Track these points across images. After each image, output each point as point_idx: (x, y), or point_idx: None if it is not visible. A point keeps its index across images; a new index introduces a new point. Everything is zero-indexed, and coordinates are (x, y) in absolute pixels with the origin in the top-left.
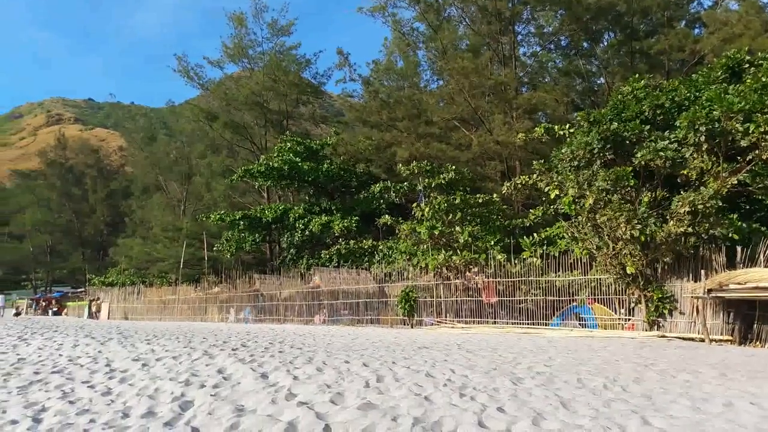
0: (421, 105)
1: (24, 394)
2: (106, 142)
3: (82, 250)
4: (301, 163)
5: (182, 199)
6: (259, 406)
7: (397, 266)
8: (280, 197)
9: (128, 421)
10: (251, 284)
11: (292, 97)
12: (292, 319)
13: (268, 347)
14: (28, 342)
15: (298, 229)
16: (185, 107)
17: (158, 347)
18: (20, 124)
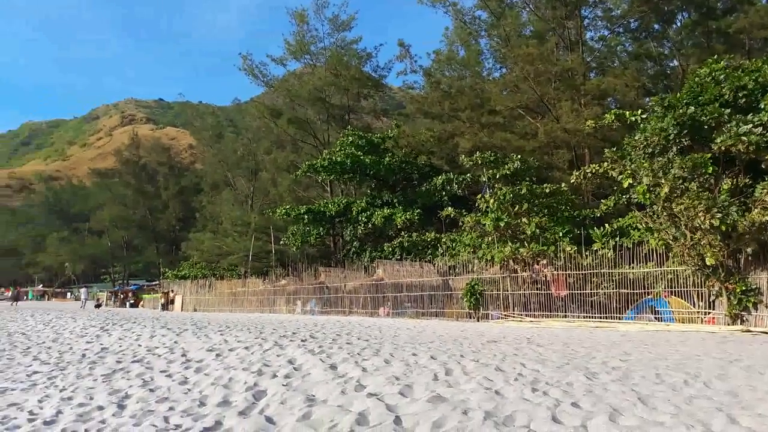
0: (484, 94)
1: (108, 382)
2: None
3: (156, 245)
4: (363, 156)
5: (249, 194)
6: (329, 397)
7: (461, 259)
8: (343, 191)
9: (205, 409)
10: (316, 277)
11: (354, 92)
12: (356, 311)
13: (336, 339)
14: (110, 333)
15: (361, 222)
16: (250, 105)
17: (231, 338)
18: (97, 125)
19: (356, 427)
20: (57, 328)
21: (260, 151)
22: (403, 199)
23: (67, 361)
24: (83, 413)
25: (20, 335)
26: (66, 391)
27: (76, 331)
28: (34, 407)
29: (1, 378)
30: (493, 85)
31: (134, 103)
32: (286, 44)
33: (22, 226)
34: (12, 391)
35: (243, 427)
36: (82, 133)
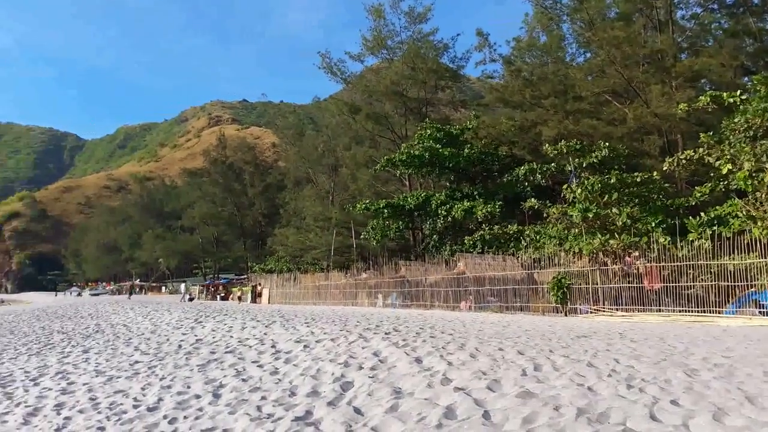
0: (568, 80)
1: (204, 372)
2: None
3: (244, 240)
4: (442, 149)
5: (330, 190)
6: (416, 390)
7: (546, 251)
8: (422, 184)
9: (295, 399)
10: (397, 270)
11: (431, 84)
12: (437, 305)
13: (420, 332)
14: (203, 324)
15: (441, 216)
16: (329, 102)
17: (317, 330)
18: (186, 127)
19: (444, 420)
20: (155, 320)
21: (340, 147)
22: (483, 192)
23: (165, 352)
24: (182, 401)
25: (122, 327)
26: (165, 379)
27: (172, 323)
28: (137, 394)
29: (108, 366)
30: (577, 71)
31: (220, 104)
32: (363, 40)
33: (120, 225)
34: (117, 378)
35: (332, 417)
36: (172, 135)
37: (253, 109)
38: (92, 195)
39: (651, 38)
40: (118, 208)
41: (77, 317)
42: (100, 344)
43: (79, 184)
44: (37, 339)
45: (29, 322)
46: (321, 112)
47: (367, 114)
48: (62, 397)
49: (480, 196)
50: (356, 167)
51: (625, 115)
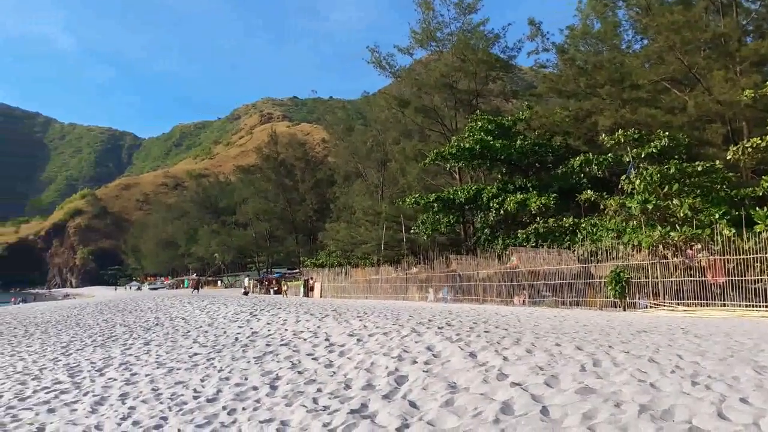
0: (624, 68)
1: (260, 364)
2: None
3: (295, 235)
4: (493, 141)
5: (379, 184)
6: (471, 385)
7: (603, 245)
8: (472, 177)
9: (350, 392)
10: (448, 265)
11: (481, 75)
12: (490, 299)
13: (473, 327)
14: (258, 318)
15: (493, 209)
16: (378, 96)
17: (369, 324)
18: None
19: (501, 416)
20: (212, 313)
21: (389, 141)
22: (537, 184)
23: (222, 344)
24: (240, 393)
25: (181, 320)
26: (223, 371)
27: (229, 317)
28: (197, 386)
29: (168, 358)
30: (634, 58)
31: (271, 102)
32: (412, 33)
33: (177, 220)
34: (177, 370)
35: (388, 410)
36: (225, 132)
37: (303, 105)
38: (150, 192)
39: (713, 22)
40: (174, 205)
41: (138, 310)
42: (160, 337)
43: (137, 181)
44: (101, 331)
45: (93, 315)
46: (370, 107)
47: (416, 107)
48: (126, 387)
49: (533, 189)
50: (405, 161)
51: (686, 102)
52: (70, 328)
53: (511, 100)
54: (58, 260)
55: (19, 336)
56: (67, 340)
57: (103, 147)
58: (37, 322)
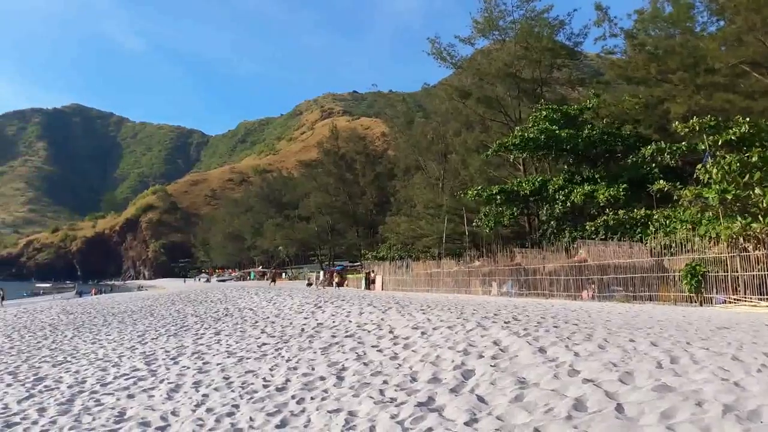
0: (698, 52)
1: (326, 355)
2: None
3: (356, 228)
4: (559, 131)
5: (440, 177)
6: (541, 380)
7: (677, 237)
8: (537, 168)
9: (416, 385)
10: (512, 258)
11: (546, 63)
12: (556, 294)
13: (541, 322)
14: (323, 310)
15: (559, 201)
16: (439, 88)
17: (433, 317)
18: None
19: (574, 412)
20: (278, 304)
21: (449, 133)
22: (605, 174)
23: (289, 335)
24: (308, 382)
25: (248, 311)
26: (291, 361)
27: (294, 308)
28: (266, 375)
29: (238, 348)
30: (710, 41)
31: (331, 97)
32: (473, 22)
33: (243, 215)
34: (247, 359)
35: (455, 404)
36: (288, 128)
37: (363, 99)
38: (217, 188)
39: None
40: (240, 200)
41: (207, 302)
42: (229, 327)
43: (204, 177)
44: (173, 321)
45: (165, 306)
46: (430, 99)
47: (478, 98)
48: (199, 376)
49: (602, 180)
50: (467, 153)
51: (767, 87)
52: (145, 318)
53: (577, 88)
54: (132, 253)
55: (99, 325)
56: (142, 329)
57: (173, 144)
58: (114, 312)
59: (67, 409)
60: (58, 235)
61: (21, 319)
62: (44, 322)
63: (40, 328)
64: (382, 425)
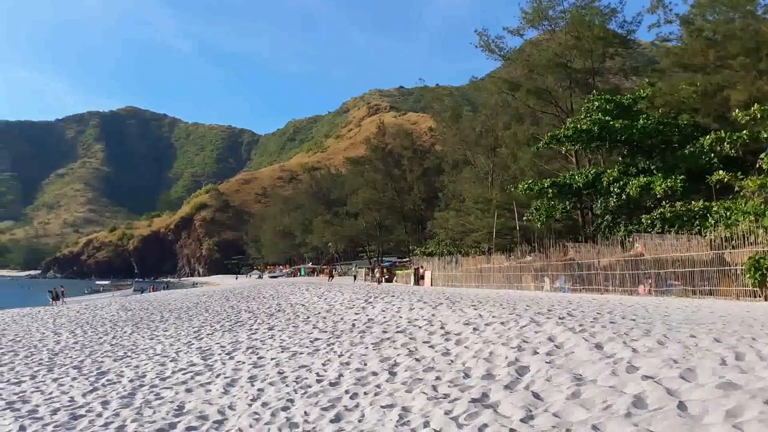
0: (760, 36)
1: (378, 350)
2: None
3: (404, 224)
4: (613, 121)
5: (489, 171)
6: (598, 377)
7: (739, 229)
8: (590, 161)
9: (470, 381)
10: (565, 253)
11: (598, 52)
12: (611, 289)
13: (597, 317)
14: (373, 305)
15: (613, 194)
16: (487, 81)
17: (485, 313)
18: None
19: (633, 409)
20: (328, 300)
21: (499, 126)
22: (662, 165)
23: (340, 330)
24: (360, 377)
25: (300, 306)
26: (343, 356)
27: (345, 304)
28: (319, 369)
29: (291, 343)
30: None
31: (378, 93)
32: (522, 13)
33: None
34: (300, 354)
35: (510, 401)
36: (335, 126)
37: (409, 95)
38: (267, 186)
39: None
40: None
41: (260, 297)
42: (282, 322)
43: (255, 176)
44: (227, 317)
45: (220, 302)
46: (478, 92)
47: (527, 90)
48: (254, 370)
49: (658, 171)
50: (517, 146)
51: None
52: (200, 314)
53: (630, 77)
54: (187, 251)
55: (156, 321)
56: (198, 325)
57: (224, 144)
58: (170, 308)
59: (128, 403)
60: (116, 234)
61: (83, 316)
62: (105, 319)
63: (101, 324)
64: (436, 421)
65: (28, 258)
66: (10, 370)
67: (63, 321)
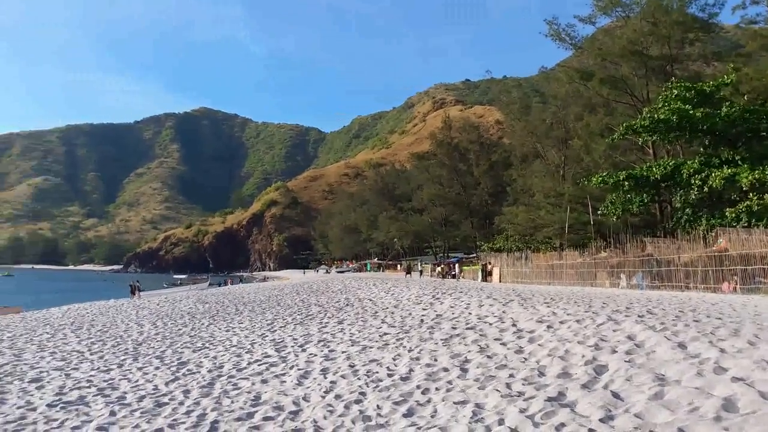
0: None
1: (448, 346)
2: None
3: (471, 220)
4: (693, 110)
5: (561, 164)
6: (682, 378)
7: None
8: (669, 152)
9: (545, 379)
10: (642, 248)
11: (677, 38)
12: (693, 285)
13: (679, 315)
14: (441, 301)
15: (694, 186)
16: (558, 71)
17: (559, 310)
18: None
19: (723, 413)
20: (396, 295)
21: (570, 117)
22: (748, 156)
23: (409, 325)
24: (431, 373)
25: (368, 301)
26: (413, 351)
27: (412, 299)
28: (389, 364)
29: (361, 337)
30: None
31: (443, 87)
32: (594, 1)
33: (358, 208)
34: (370, 348)
35: (588, 400)
36: (400, 121)
37: (475, 87)
38: (334, 182)
39: None
40: (356, 193)
41: (329, 292)
42: (351, 317)
43: (322, 173)
44: (298, 310)
45: (290, 296)
46: (548, 83)
47: (601, 79)
48: (326, 363)
49: (744, 161)
50: (590, 138)
51: None
52: (272, 307)
53: (712, 63)
54: (258, 246)
55: (232, 314)
56: (270, 318)
57: (292, 142)
58: (244, 302)
59: (208, 392)
60: (192, 231)
61: (163, 308)
62: (183, 311)
63: (180, 316)
64: (511, 419)
65: (111, 253)
66: (100, 358)
67: (145, 313)
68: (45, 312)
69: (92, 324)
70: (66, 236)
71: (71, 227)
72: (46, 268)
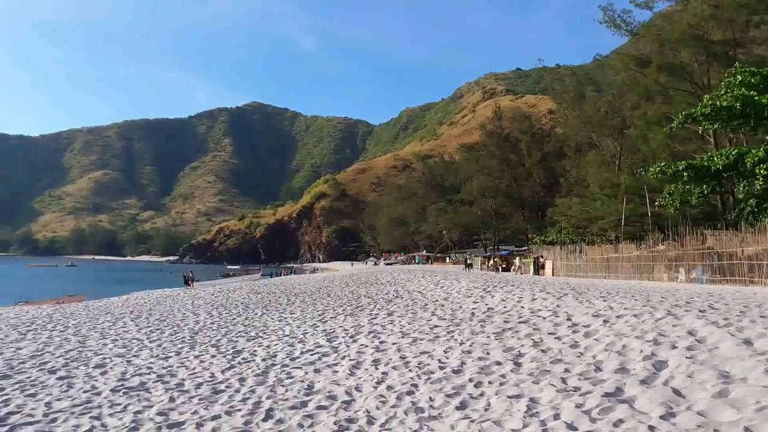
0: None
1: (500, 340)
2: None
3: (522, 212)
4: (759, 96)
5: (617, 154)
6: (749, 375)
7: None
8: (731, 141)
9: (602, 374)
10: (702, 241)
11: (740, 21)
12: (758, 280)
13: (744, 311)
14: (492, 294)
15: (759, 176)
16: (613, 58)
17: (615, 304)
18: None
19: None
20: (445, 288)
21: (626, 106)
22: None
23: (459, 318)
24: (483, 366)
25: (417, 294)
26: (464, 344)
27: (462, 292)
28: (441, 356)
29: (411, 329)
30: None
31: (493, 77)
32: None
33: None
34: (420, 341)
35: (647, 396)
36: (448, 112)
37: (527, 77)
38: (382, 175)
39: None
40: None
41: (378, 284)
42: (401, 308)
43: (370, 165)
44: (348, 302)
45: (340, 287)
46: (603, 71)
47: (658, 66)
48: (377, 354)
49: None
50: (647, 127)
51: None
52: (323, 298)
53: None
54: (308, 238)
55: (284, 304)
56: (321, 308)
57: (341, 135)
58: (296, 292)
59: (263, 380)
60: (244, 223)
61: (218, 299)
62: (237, 301)
63: (234, 306)
64: (567, 414)
65: (167, 245)
66: (158, 346)
67: (200, 303)
68: (106, 301)
69: (150, 313)
70: (124, 228)
71: (129, 219)
72: (106, 259)
